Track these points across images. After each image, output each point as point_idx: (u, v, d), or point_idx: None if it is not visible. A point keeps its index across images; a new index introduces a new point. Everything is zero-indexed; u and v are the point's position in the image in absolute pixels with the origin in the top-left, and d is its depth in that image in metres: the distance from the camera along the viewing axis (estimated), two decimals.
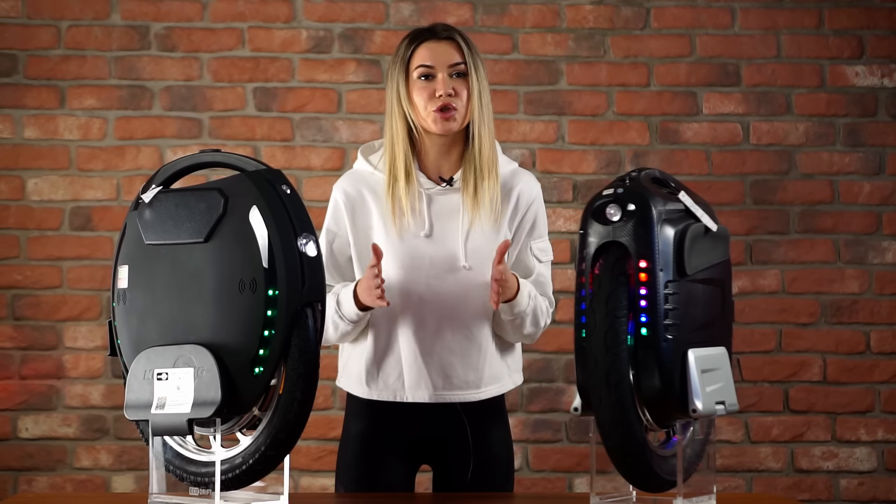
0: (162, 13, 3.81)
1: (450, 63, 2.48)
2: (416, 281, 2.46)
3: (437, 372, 2.47)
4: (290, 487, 2.12)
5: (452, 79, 2.48)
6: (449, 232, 2.49)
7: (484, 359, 2.50)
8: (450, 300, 2.47)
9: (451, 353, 2.47)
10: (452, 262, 2.47)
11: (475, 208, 2.49)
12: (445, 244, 2.48)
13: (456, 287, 2.47)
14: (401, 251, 2.46)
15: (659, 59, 3.85)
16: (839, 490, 3.80)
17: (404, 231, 2.47)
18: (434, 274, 2.47)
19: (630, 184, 2.04)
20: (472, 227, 2.49)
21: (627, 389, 1.97)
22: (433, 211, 2.50)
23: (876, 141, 3.86)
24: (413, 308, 2.47)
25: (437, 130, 2.48)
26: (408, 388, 2.48)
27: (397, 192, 2.48)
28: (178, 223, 2.08)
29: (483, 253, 2.47)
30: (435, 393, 2.48)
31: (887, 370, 3.83)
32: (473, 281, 2.47)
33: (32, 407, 3.74)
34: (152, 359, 2.06)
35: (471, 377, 2.49)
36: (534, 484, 3.76)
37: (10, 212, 3.77)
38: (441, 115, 2.46)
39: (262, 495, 2.12)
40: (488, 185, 2.49)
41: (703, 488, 2.13)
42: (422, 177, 2.51)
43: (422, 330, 2.47)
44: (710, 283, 2.08)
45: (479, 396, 2.51)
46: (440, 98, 2.46)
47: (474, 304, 2.48)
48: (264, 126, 3.81)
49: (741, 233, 3.80)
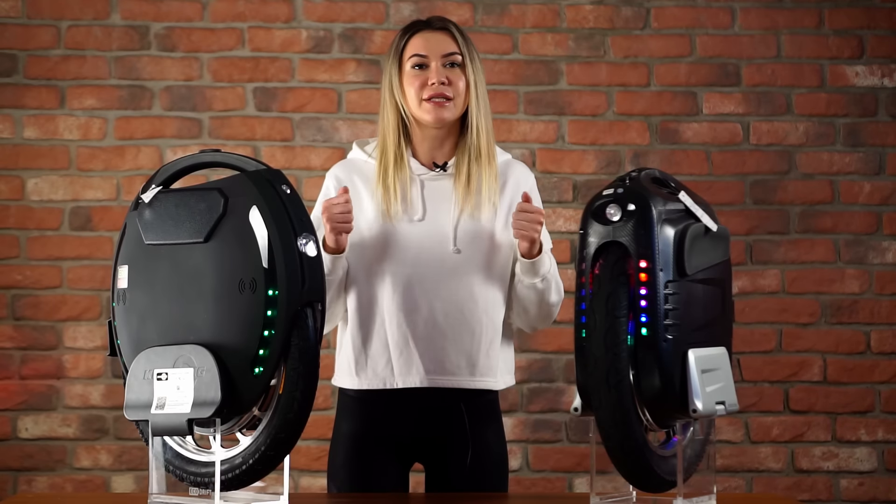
0: (162, 13, 3.81)
1: (444, 53, 2.48)
2: (407, 265, 2.45)
3: (429, 356, 2.45)
4: (290, 487, 2.12)
5: (446, 68, 2.48)
6: (441, 216, 2.48)
7: (477, 345, 2.47)
8: (440, 284, 2.45)
9: (443, 337, 2.45)
10: (443, 246, 2.46)
11: (467, 196, 2.48)
12: (437, 227, 2.47)
13: (447, 270, 2.46)
14: (392, 234, 2.45)
15: (659, 59, 3.85)
16: (839, 490, 3.80)
17: (396, 214, 2.47)
18: (424, 258, 2.46)
19: (630, 184, 2.04)
20: (462, 212, 2.48)
21: (627, 389, 1.97)
22: (425, 195, 2.49)
23: (876, 141, 3.86)
24: (403, 291, 2.45)
25: (430, 119, 2.47)
26: (397, 373, 2.45)
27: (389, 177, 2.47)
28: (178, 223, 2.08)
29: (473, 238, 2.47)
30: (427, 377, 2.45)
31: (887, 370, 3.83)
32: (464, 265, 2.46)
33: (32, 407, 3.74)
34: (152, 359, 2.06)
35: (463, 362, 2.46)
36: (534, 484, 3.76)
37: (10, 212, 3.77)
38: (434, 104, 2.46)
39: (262, 495, 2.11)
40: (485, 174, 2.48)
41: (703, 488, 2.13)
42: (414, 162, 2.51)
43: (412, 314, 2.45)
44: (710, 283, 2.08)
45: (474, 385, 2.48)
46: (433, 86, 2.45)
47: (465, 288, 2.46)
48: (264, 126, 3.81)
49: (741, 233, 3.80)
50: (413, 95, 2.47)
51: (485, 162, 2.49)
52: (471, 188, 2.48)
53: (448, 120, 2.48)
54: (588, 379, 2.00)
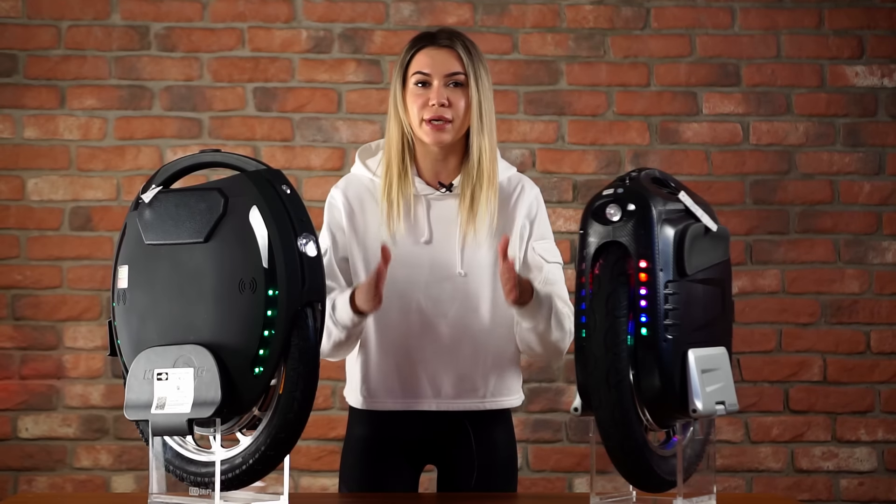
0: (162, 13, 3.81)
1: (446, 72, 2.45)
2: (415, 288, 2.44)
3: (436, 380, 2.45)
4: (290, 487, 2.12)
5: (448, 88, 2.44)
6: (447, 238, 2.47)
7: (486, 367, 2.47)
8: (447, 306, 2.45)
9: (451, 359, 2.45)
10: (449, 269, 2.46)
11: (470, 219, 2.45)
12: (443, 250, 2.46)
13: (453, 294, 2.45)
14: (399, 257, 2.42)
15: (659, 59, 3.85)
16: (839, 490, 3.80)
17: (403, 236, 2.45)
18: (432, 280, 2.45)
19: (630, 184, 2.04)
20: (466, 235, 2.46)
21: (627, 389, 1.97)
22: (432, 217, 2.48)
23: (876, 141, 3.86)
24: (410, 314, 2.45)
25: (428, 141, 2.45)
26: (404, 397, 2.46)
27: (393, 192, 2.46)
28: (178, 223, 2.08)
29: (478, 261, 2.46)
30: (434, 401, 2.46)
31: (887, 370, 3.83)
32: (470, 288, 2.45)
33: (32, 407, 3.74)
34: (152, 359, 2.06)
35: (469, 386, 2.46)
36: (534, 484, 3.76)
37: (10, 212, 3.77)
38: (432, 127, 2.43)
39: (262, 495, 2.11)
40: (485, 196, 2.45)
41: (703, 488, 2.13)
42: (420, 182, 2.49)
43: (419, 337, 2.45)
44: (710, 283, 2.08)
45: (484, 406, 2.49)
46: (433, 108, 2.43)
47: (472, 310, 2.46)
48: (264, 126, 3.81)
49: (741, 233, 3.80)
50: (415, 114, 2.45)
51: (486, 184, 2.46)
52: (474, 211, 2.46)
53: (446, 142, 2.45)
54: (588, 379, 2.00)
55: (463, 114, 2.45)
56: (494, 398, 2.49)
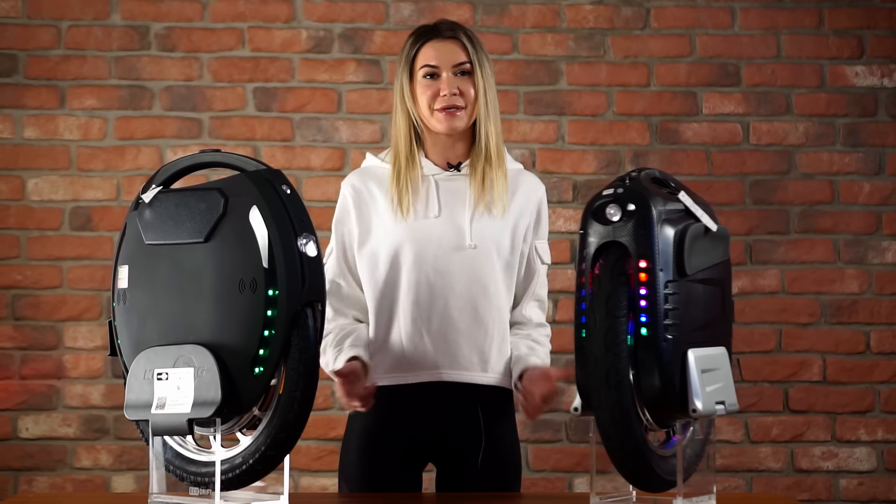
0: (162, 13, 3.81)
1: (454, 63, 2.51)
2: (423, 258, 2.47)
3: (443, 350, 2.47)
4: (290, 487, 2.12)
5: (457, 77, 2.51)
6: (456, 212, 2.51)
7: (490, 341, 2.49)
8: (455, 279, 2.48)
9: (457, 332, 2.47)
10: (459, 241, 2.49)
11: (482, 194, 2.51)
12: (453, 224, 2.50)
13: (462, 266, 2.48)
14: (408, 230, 2.48)
15: (659, 59, 3.86)
16: (839, 490, 3.80)
17: (412, 212, 2.49)
18: (441, 253, 2.48)
19: (630, 184, 2.04)
20: (477, 209, 2.50)
21: (627, 389, 1.97)
22: (440, 194, 2.52)
23: (876, 141, 3.86)
24: (418, 286, 2.47)
25: (442, 129, 2.51)
26: (411, 367, 2.47)
27: (402, 177, 2.50)
28: (178, 223, 2.08)
29: (488, 235, 2.49)
30: (440, 371, 2.47)
31: (887, 370, 3.83)
32: (479, 260, 2.49)
33: (32, 407, 3.74)
34: (152, 359, 2.06)
35: (475, 358, 2.49)
36: (534, 484, 3.76)
37: (10, 212, 3.77)
38: (446, 114, 2.49)
39: (262, 495, 2.12)
40: (496, 175, 2.51)
41: (703, 488, 2.13)
42: (427, 163, 2.54)
43: (427, 308, 2.47)
44: (710, 283, 2.08)
45: (485, 380, 2.50)
46: (445, 98, 2.49)
47: (479, 284, 2.49)
48: (264, 126, 3.81)
49: (741, 233, 3.80)
50: (425, 105, 2.51)
51: (496, 164, 2.52)
52: (485, 187, 2.51)
53: (459, 128, 2.52)
54: (588, 379, 2.00)
55: (473, 100, 2.51)
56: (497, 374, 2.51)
